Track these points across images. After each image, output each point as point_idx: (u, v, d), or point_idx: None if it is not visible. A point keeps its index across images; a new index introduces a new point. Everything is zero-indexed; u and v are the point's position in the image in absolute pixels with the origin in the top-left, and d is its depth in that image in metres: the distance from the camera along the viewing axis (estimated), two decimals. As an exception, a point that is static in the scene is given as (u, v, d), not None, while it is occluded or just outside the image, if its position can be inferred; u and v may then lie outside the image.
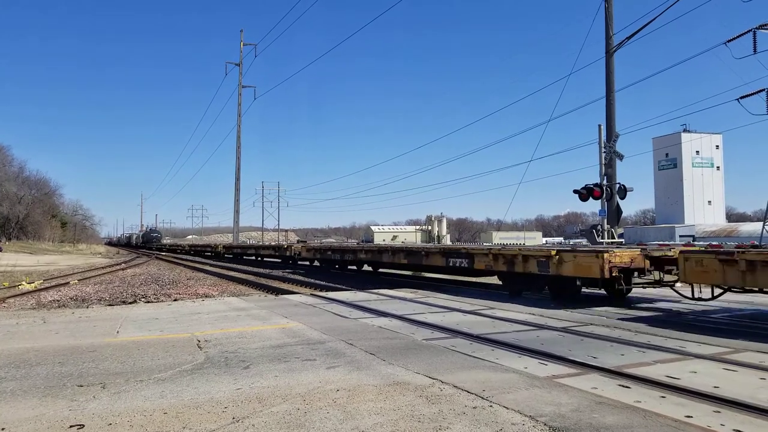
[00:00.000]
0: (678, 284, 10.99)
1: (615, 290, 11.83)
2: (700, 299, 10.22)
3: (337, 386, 5.32)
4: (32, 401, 4.93)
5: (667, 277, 11.12)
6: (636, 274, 11.28)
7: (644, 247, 12.66)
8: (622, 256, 10.96)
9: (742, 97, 20.98)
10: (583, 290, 12.61)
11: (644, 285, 11.66)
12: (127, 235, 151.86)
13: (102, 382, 5.56)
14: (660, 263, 11.12)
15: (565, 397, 4.90)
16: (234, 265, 36.35)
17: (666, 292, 12.86)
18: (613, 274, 10.79)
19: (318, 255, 28.50)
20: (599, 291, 12.86)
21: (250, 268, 31.97)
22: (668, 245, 13.67)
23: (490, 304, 11.81)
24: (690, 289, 10.30)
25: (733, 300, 11.61)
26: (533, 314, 10.24)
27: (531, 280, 13.03)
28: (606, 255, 10.79)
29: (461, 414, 4.45)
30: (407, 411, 4.54)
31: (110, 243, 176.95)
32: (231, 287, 20.88)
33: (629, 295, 12.31)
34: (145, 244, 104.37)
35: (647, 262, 11.13)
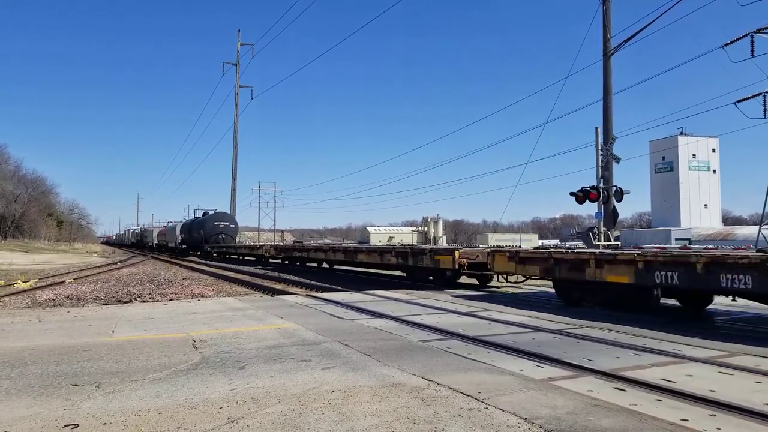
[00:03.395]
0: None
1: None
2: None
3: (332, 387, 5.31)
4: (27, 400, 4.91)
5: None
6: None
7: None
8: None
9: (739, 101, 21.06)
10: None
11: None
12: (137, 231, 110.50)
13: (97, 381, 5.54)
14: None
15: (560, 399, 4.90)
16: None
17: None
18: None
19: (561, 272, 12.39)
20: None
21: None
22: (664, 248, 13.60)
23: (486, 305, 11.82)
24: None
25: (730, 304, 11.63)
26: (529, 316, 10.25)
27: None
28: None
29: (457, 416, 4.45)
30: (403, 412, 4.54)
31: (107, 242, 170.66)
32: (227, 287, 20.84)
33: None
34: (201, 245, 52.76)
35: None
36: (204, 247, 52.19)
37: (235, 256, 43.31)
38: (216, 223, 54.89)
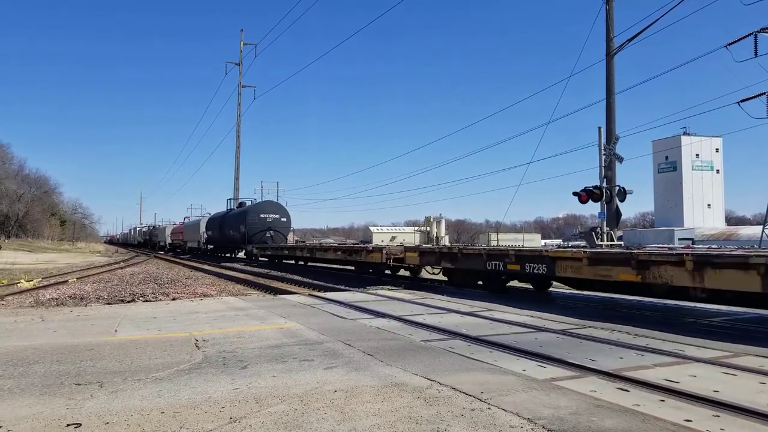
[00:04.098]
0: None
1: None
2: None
3: (334, 387, 5.30)
4: (30, 399, 4.91)
5: None
6: None
7: None
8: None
9: (742, 101, 21.00)
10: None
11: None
12: (144, 230, 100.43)
13: (99, 380, 5.55)
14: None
15: (563, 399, 4.89)
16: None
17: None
18: None
19: None
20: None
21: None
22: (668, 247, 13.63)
23: (489, 305, 11.80)
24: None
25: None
26: (532, 316, 10.23)
27: None
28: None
29: (459, 416, 4.44)
30: (405, 412, 4.53)
31: (111, 242, 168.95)
32: (229, 287, 20.85)
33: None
34: (242, 245, 39.56)
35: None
36: (247, 248, 37.94)
37: (293, 261, 29.21)
38: (262, 215, 38.75)
